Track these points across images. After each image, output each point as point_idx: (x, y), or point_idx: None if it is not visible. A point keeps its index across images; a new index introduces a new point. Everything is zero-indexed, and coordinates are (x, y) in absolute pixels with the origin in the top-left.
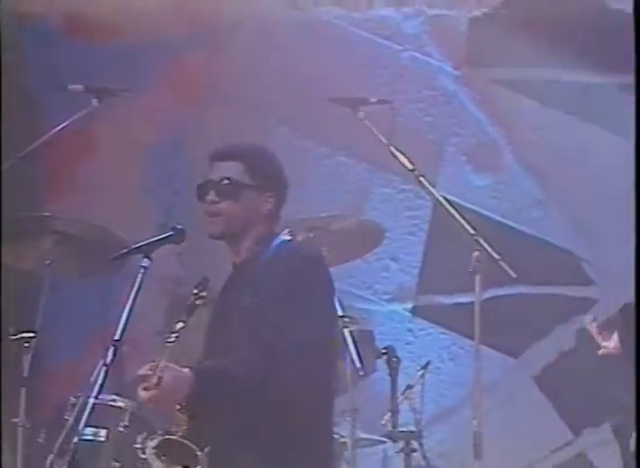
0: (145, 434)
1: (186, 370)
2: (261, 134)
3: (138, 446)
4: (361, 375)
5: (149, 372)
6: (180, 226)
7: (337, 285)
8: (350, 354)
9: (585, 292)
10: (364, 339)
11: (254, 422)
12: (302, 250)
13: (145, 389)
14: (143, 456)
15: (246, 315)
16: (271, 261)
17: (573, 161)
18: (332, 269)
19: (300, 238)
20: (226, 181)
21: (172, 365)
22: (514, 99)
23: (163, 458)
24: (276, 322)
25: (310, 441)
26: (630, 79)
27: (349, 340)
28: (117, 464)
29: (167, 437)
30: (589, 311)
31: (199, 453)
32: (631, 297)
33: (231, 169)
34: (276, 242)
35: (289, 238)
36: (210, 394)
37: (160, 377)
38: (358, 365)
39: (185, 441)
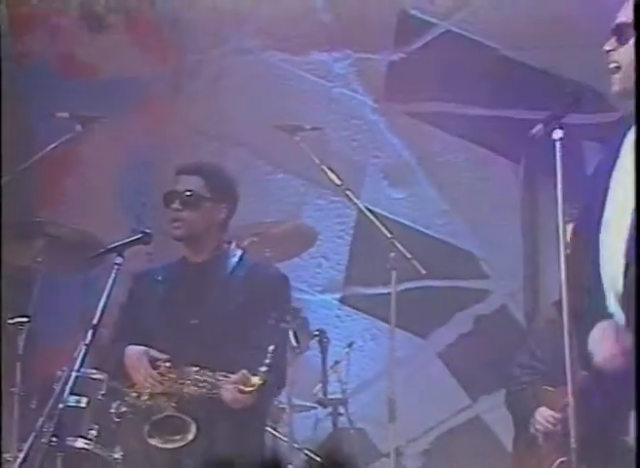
0: (119, 402)
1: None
2: (217, 155)
3: (112, 411)
4: (297, 353)
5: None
6: (148, 230)
7: None
8: (289, 335)
9: (482, 285)
10: (300, 323)
11: None
12: (276, 270)
13: (241, 392)
14: (117, 420)
15: (224, 316)
16: (250, 278)
17: (471, 178)
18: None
19: (247, 242)
20: (189, 193)
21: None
22: (424, 128)
23: (159, 434)
24: (260, 328)
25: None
26: (516, 113)
27: None
28: (96, 426)
29: (161, 416)
30: (486, 300)
31: (189, 420)
32: (519, 288)
33: (193, 182)
34: (236, 254)
35: (241, 251)
36: None
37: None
38: (295, 344)
39: (179, 414)
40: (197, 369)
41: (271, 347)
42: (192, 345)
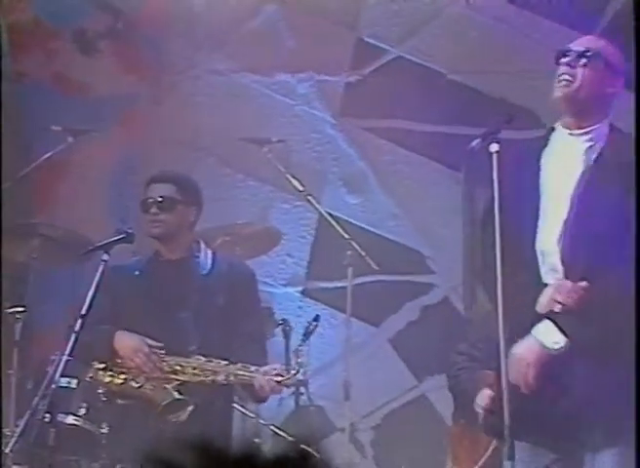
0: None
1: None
2: (193, 165)
3: (100, 391)
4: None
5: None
6: (130, 230)
7: None
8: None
9: (427, 280)
10: (266, 313)
11: None
12: (244, 266)
13: (277, 382)
14: (104, 399)
15: (198, 311)
16: (221, 274)
17: (419, 186)
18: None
19: (219, 241)
20: (161, 198)
21: None
22: (377, 142)
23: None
24: (235, 318)
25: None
26: (459, 130)
27: None
28: (84, 405)
29: (171, 399)
30: (431, 293)
31: (186, 399)
32: (459, 282)
33: (167, 189)
34: (208, 253)
35: (211, 251)
36: None
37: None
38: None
39: (181, 396)
40: (206, 359)
41: (301, 348)
42: (180, 337)
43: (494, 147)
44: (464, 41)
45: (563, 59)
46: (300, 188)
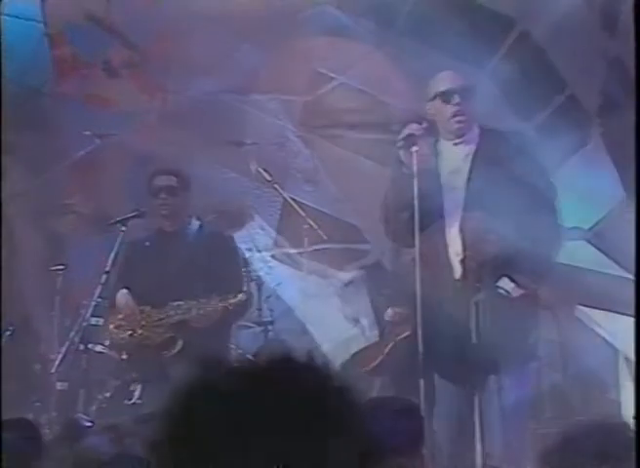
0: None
1: None
2: (189, 161)
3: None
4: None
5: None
6: (143, 209)
7: None
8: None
9: (364, 247)
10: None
11: None
12: (228, 234)
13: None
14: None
15: (187, 267)
16: (203, 237)
17: (357, 178)
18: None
19: (208, 218)
20: (168, 187)
21: None
22: (327, 145)
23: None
24: (212, 272)
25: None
26: (387, 136)
27: None
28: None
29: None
30: (367, 257)
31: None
32: (388, 249)
33: (170, 179)
34: (195, 223)
35: (199, 222)
36: None
37: None
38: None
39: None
40: (181, 302)
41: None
42: (173, 287)
43: (414, 148)
44: (390, 71)
45: (450, 99)
46: (269, 179)
